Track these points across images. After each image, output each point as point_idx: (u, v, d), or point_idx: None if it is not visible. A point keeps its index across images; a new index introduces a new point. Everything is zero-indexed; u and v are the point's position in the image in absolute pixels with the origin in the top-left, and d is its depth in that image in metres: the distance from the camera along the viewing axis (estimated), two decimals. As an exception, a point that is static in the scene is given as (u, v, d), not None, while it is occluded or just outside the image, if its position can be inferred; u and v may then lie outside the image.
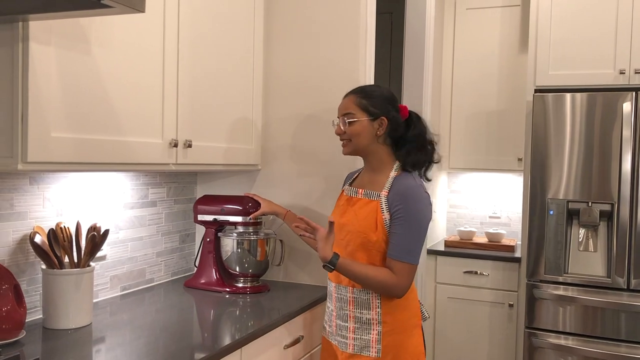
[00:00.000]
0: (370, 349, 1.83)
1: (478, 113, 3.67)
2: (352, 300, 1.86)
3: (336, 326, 1.92)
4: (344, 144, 1.91)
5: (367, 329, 1.84)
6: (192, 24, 2.03)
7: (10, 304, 1.57)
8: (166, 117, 1.91)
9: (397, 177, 1.86)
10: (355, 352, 1.85)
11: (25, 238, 1.81)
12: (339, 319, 1.90)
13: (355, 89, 1.93)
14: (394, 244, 1.79)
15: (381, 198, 1.83)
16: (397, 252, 1.78)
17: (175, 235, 2.51)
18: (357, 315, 1.85)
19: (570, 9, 3.11)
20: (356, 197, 1.91)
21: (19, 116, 1.42)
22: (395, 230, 1.79)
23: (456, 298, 3.45)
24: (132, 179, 2.26)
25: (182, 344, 1.65)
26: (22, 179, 1.79)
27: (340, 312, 1.90)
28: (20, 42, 1.41)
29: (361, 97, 1.88)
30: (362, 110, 1.86)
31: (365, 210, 1.84)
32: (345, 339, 1.88)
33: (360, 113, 1.86)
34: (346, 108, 1.89)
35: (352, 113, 1.87)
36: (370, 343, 1.84)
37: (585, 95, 2.94)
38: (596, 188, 2.92)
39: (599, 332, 2.89)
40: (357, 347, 1.85)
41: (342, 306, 1.89)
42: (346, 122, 1.87)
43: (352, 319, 1.86)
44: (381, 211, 1.81)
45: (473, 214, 3.98)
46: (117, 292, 2.20)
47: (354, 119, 1.86)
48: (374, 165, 1.92)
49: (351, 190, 1.95)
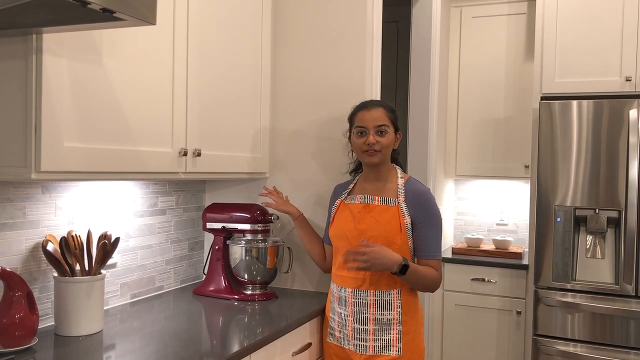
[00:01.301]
0: (391, 348, 1.93)
1: (485, 120, 3.69)
2: (373, 303, 1.95)
3: (352, 330, 1.98)
4: (372, 153, 2.00)
5: (388, 330, 1.94)
6: (200, 35, 2.06)
7: (24, 311, 1.59)
8: (176, 126, 1.94)
9: (406, 184, 2.01)
10: (376, 353, 1.94)
11: (37, 246, 1.83)
12: (357, 323, 1.98)
13: (380, 102, 2.08)
14: (426, 244, 1.96)
15: (400, 203, 1.97)
16: (431, 251, 1.96)
17: (185, 243, 2.54)
18: (378, 317, 1.95)
19: (575, 17, 3.13)
20: (373, 204, 2.00)
21: (33, 126, 1.45)
22: (423, 232, 1.96)
23: (464, 305, 3.45)
24: (141, 187, 2.28)
25: (191, 350, 1.67)
26: (34, 188, 1.82)
27: (359, 316, 1.97)
28: (34, 54, 1.44)
29: (389, 111, 2.03)
30: (392, 124, 2.02)
31: (387, 216, 1.96)
32: (364, 342, 1.96)
33: (390, 126, 2.01)
34: (381, 120, 2.00)
35: (386, 125, 2.00)
36: (391, 342, 1.93)
37: (592, 102, 2.95)
38: (603, 195, 2.92)
39: (607, 339, 2.88)
40: (377, 347, 1.94)
41: (361, 310, 1.97)
42: (382, 134, 1.99)
43: (372, 321, 1.95)
44: (402, 216, 1.95)
45: (480, 221, 3.98)
46: (127, 299, 2.22)
47: (387, 131, 2.00)
48: (382, 174, 2.05)
49: (365, 197, 2.03)
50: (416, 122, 3.34)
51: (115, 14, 1.23)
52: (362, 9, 2.41)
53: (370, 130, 1.98)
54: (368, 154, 2.00)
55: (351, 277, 1.99)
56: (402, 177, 2.04)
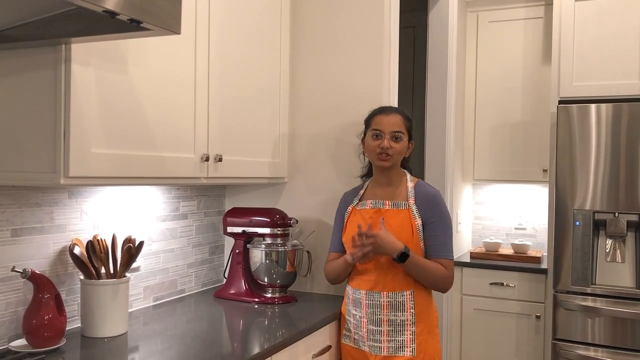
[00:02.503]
0: (405, 349, 1.96)
1: (502, 125, 3.68)
2: (386, 305, 1.98)
3: (367, 332, 2.01)
4: (385, 157, 2.03)
5: (401, 331, 1.96)
6: (221, 43, 2.10)
7: (52, 312, 1.64)
8: (198, 133, 1.98)
9: (416, 186, 2.07)
10: (390, 354, 1.96)
11: (64, 250, 1.88)
12: (371, 324, 2.00)
13: (395, 109, 2.10)
14: (437, 244, 1.99)
15: (410, 206, 2.00)
16: (442, 251, 1.99)
17: (205, 247, 2.58)
18: (391, 318, 1.97)
19: (592, 20, 3.12)
20: (384, 209, 2.03)
21: (62, 133, 1.50)
22: (433, 233, 2.00)
23: (482, 310, 3.44)
24: (164, 192, 2.33)
25: (212, 352, 1.70)
26: (61, 193, 1.88)
27: (373, 318, 2.00)
28: (62, 63, 1.49)
29: (405, 118, 2.07)
30: (407, 132, 2.06)
31: (398, 219, 2.00)
32: (379, 343, 1.99)
33: (405, 134, 2.05)
34: (398, 126, 2.03)
35: (402, 132, 2.04)
36: (405, 343, 1.96)
37: (611, 105, 2.94)
38: (623, 198, 2.91)
39: (627, 343, 2.86)
40: (391, 348, 1.97)
41: (375, 311, 2.00)
42: (397, 139, 2.03)
43: (386, 323, 1.98)
44: (414, 218, 1.99)
45: (498, 225, 3.97)
46: (150, 302, 2.26)
47: (402, 138, 2.03)
48: (393, 179, 2.09)
49: (376, 202, 2.06)
50: (434, 126, 3.35)
51: (142, 24, 1.26)
52: (379, 15, 2.44)
53: (386, 134, 2.02)
54: (380, 157, 2.03)
55: (365, 279, 2.02)
56: (412, 181, 2.08)
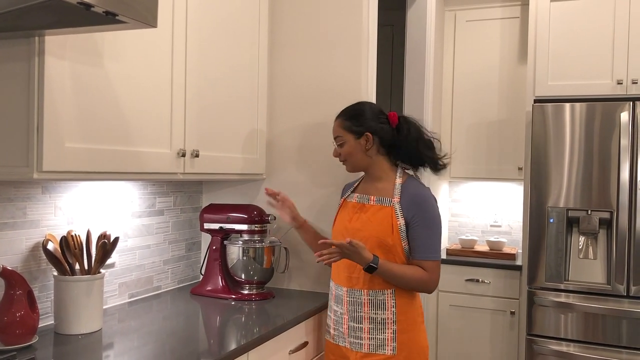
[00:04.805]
0: (386, 347, 1.95)
1: (479, 123, 3.72)
2: (367, 302, 1.97)
3: (348, 328, 2.00)
4: (343, 163, 2.09)
5: (382, 329, 1.95)
6: (199, 37, 2.09)
7: (24, 309, 1.61)
8: (174, 127, 1.97)
9: (404, 183, 2.01)
10: (371, 352, 1.96)
11: (37, 246, 1.85)
12: (352, 321, 1.99)
13: (340, 112, 2.09)
14: (418, 246, 1.94)
15: (394, 204, 1.96)
16: (423, 252, 1.94)
17: (182, 244, 2.56)
18: (372, 316, 1.96)
19: (568, 21, 3.17)
20: (369, 204, 2.02)
21: (35, 127, 1.47)
22: (416, 234, 1.94)
23: (458, 306, 3.48)
24: (139, 188, 2.31)
25: (189, 349, 1.69)
26: (35, 188, 1.85)
27: (354, 315, 1.99)
28: (36, 56, 1.47)
29: (344, 119, 2.06)
30: (348, 132, 2.04)
31: (380, 216, 1.97)
32: (359, 340, 1.98)
33: (346, 135, 2.04)
34: (335, 132, 2.08)
35: (340, 136, 2.06)
36: (386, 342, 1.95)
37: (585, 105, 2.99)
38: (595, 196, 2.96)
39: (600, 338, 2.92)
40: (372, 346, 1.96)
41: (356, 309, 1.98)
42: (336, 145, 2.06)
43: (367, 320, 1.97)
44: (396, 217, 1.95)
45: (474, 222, 4.01)
46: (125, 299, 2.24)
47: (343, 141, 2.04)
48: (376, 175, 2.06)
49: (362, 197, 2.05)
50: (411, 124, 3.37)
51: (118, 16, 1.25)
52: (358, 13, 2.45)
53: (334, 142, 2.08)
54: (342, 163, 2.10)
55: (346, 276, 2.01)
56: (401, 177, 2.02)
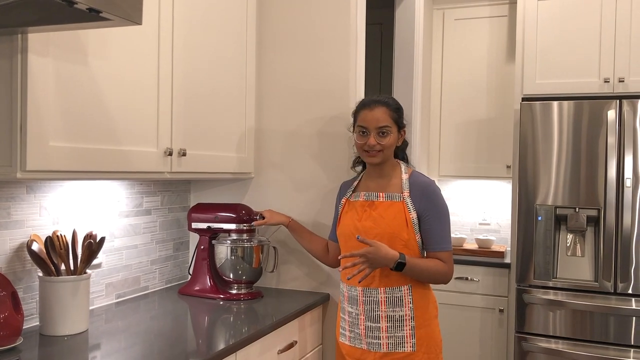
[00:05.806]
0: (405, 345, 1.92)
1: (467, 121, 3.73)
2: (384, 300, 1.94)
3: (365, 329, 1.97)
4: (374, 154, 1.96)
5: (400, 326, 1.93)
6: (186, 35, 2.07)
7: (8, 310, 1.59)
8: (161, 126, 1.95)
9: (410, 178, 1.99)
10: (390, 350, 1.93)
11: (22, 246, 1.83)
12: (369, 321, 1.96)
13: (384, 100, 1.99)
14: (434, 238, 1.93)
15: (405, 199, 1.94)
16: (438, 244, 1.94)
17: (170, 243, 2.54)
18: (390, 314, 1.93)
19: (555, 19, 3.18)
20: (378, 201, 1.98)
21: (18, 126, 1.45)
22: (429, 226, 1.93)
23: (447, 304, 3.49)
24: (127, 187, 2.28)
25: (177, 349, 1.68)
26: (19, 188, 1.82)
27: (371, 314, 1.95)
28: (19, 53, 1.45)
29: (392, 109, 1.97)
30: (395, 124, 1.97)
31: (392, 211, 1.94)
32: (378, 340, 1.94)
33: (393, 126, 1.96)
34: (383, 121, 1.94)
35: (388, 126, 1.95)
36: (405, 339, 1.92)
37: (572, 103, 3.00)
38: (583, 194, 2.98)
39: (587, 335, 2.94)
40: (391, 345, 1.93)
41: (373, 308, 1.95)
42: (383, 134, 1.94)
43: (385, 319, 1.93)
44: (408, 211, 1.92)
45: (463, 220, 4.02)
46: (112, 299, 2.22)
47: (390, 132, 1.95)
48: (386, 171, 2.02)
49: (370, 194, 2.01)
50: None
51: (102, 13, 1.23)
52: (346, 11, 2.44)
53: (372, 131, 1.94)
54: (369, 154, 1.97)
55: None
56: (406, 172, 2.00)
